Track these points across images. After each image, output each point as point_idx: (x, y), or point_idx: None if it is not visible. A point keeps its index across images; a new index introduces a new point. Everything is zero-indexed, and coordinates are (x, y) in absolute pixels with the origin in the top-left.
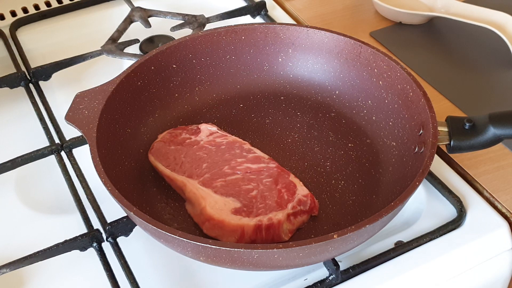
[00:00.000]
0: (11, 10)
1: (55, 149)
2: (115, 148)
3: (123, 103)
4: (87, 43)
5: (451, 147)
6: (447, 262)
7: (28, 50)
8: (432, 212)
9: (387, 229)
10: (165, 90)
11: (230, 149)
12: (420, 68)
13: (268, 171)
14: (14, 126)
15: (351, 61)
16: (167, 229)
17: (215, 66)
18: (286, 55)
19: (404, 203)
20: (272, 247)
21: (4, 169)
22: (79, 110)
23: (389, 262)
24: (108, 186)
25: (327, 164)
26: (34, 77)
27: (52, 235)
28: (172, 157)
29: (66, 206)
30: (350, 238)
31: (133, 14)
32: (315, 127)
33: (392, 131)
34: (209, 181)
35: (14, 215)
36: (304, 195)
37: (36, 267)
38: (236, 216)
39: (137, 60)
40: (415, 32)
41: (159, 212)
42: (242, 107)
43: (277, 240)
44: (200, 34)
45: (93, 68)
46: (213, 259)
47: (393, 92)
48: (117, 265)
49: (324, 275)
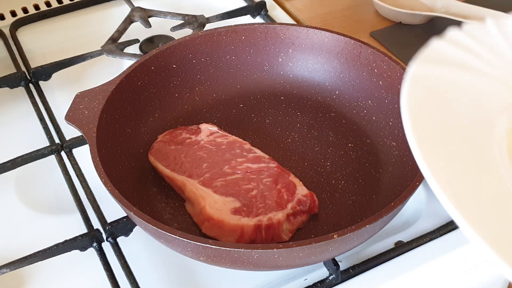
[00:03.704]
0: (11, 10)
1: (55, 149)
2: (115, 148)
3: (123, 103)
4: (87, 43)
5: None
6: (447, 262)
7: (28, 50)
8: (432, 212)
9: (387, 229)
10: (165, 90)
11: (231, 149)
12: None
13: (268, 171)
14: (14, 126)
15: (351, 61)
16: (167, 229)
17: (215, 66)
18: (286, 55)
19: (404, 203)
20: (272, 247)
21: (4, 169)
22: (79, 110)
23: (389, 262)
24: (108, 186)
25: (327, 164)
26: (34, 77)
27: (52, 235)
28: (172, 157)
29: (66, 206)
30: (350, 238)
31: (133, 14)
32: (315, 127)
33: (392, 131)
34: (209, 181)
35: (14, 215)
36: (304, 195)
37: (36, 267)
38: (236, 216)
39: (137, 60)
40: (415, 32)
41: (159, 212)
42: (242, 107)
43: (277, 240)
44: (200, 34)
45: (93, 68)
46: (213, 259)
47: (393, 92)
48: (117, 265)
49: (324, 275)
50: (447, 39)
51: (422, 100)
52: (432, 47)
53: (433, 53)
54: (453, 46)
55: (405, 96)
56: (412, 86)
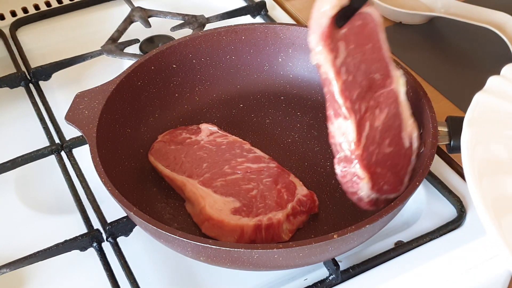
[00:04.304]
0: (11, 10)
1: (55, 149)
2: (115, 148)
3: (123, 103)
4: (87, 43)
5: (451, 147)
6: (447, 262)
7: (28, 50)
8: (432, 212)
9: (387, 229)
10: (165, 90)
11: (231, 149)
12: (420, 68)
13: (268, 171)
14: (14, 126)
15: None
16: (167, 229)
17: (215, 66)
18: (286, 55)
19: (404, 203)
20: (272, 247)
21: (4, 169)
22: (79, 110)
23: (389, 262)
24: (108, 186)
25: (327, 164)
26: (34, 77)
27: (52, 235)
28: (172, 157)
29: (66, 206)
30: (350, 238)
31: (133, 14)
32: (315, 127)
33: None
34: (209, 181)
35: (14, 215)
36: (304, 195)
37: (36, 267)
38: (236, 216)
39: (137, 60)
40: (415, 32)
41: (159, 212)
42: (242, 107)
43: (277, 240)
44: (200, 34)
45: (93, 68)
46: (213, 259)
47: None
48: (117, 265)
49: (324, 275)
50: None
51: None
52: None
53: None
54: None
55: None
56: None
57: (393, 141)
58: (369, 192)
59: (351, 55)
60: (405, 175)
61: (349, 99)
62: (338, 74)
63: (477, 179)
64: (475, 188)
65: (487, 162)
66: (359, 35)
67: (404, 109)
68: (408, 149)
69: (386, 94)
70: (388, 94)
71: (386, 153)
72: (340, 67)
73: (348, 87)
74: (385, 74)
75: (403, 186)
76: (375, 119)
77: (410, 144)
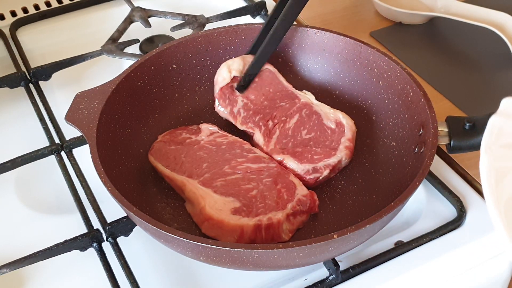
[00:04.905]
0: (11, 10)
1: (55, 149)
2: (115, 148)
3: (123, 103)
4: (87, 43)
5: (451, 147)
6: (447, 262)
7: (28, 50)
8: (432, 212)
9: (387, 229)
10: (165, 90)
11: (231, 149)
12: (420, 68)
13: (268, 171)
14: (14, 126)
15: (351, 61)
16: (167, 229)
17: (215, 66)
18: (286, 55)
19: (404, 203)
20: (272, 247)
21: (4, 169)
22: (79, 110)
23: (389, 262)
24: (108, 186)
25: None
26: (34, 77)
27: (52, 235)
28: (172, 157)
29: (66, 206)
30: (350, 238)
31: (133, 14)
32: None
33: (392, 131)
34: (209, 181)
35: (14, 215)
36: (304, 195)
37: (36, 267)
38: (236, 216)
39: (137, 60)
40: (415, 32)
41: (159, 212)
42: None
43: (277, 240)
44: (200, 34)
45: (93, 68)
46: (213, 259)
47: (393, 92)
48: (117, 265)
49: (324, 275)
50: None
51: None
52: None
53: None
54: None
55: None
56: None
57: (312, 129)
58: (301, 166)
59: (249, 101)
60: (338, 145)
61: (252, 123)
62: (235, 117)
63: (502, 213)
64: (498, 216)
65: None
66: (258, 88)
67: (321, 107)
68: (337, 127)
69: (297, 107)
70: (300, 105)
71: (305, 138)
72: (237, 112)
73: (247, 119)
74: (291, 98)
75: (337, 151)
76: (286, 124)
77: (336, 124)
